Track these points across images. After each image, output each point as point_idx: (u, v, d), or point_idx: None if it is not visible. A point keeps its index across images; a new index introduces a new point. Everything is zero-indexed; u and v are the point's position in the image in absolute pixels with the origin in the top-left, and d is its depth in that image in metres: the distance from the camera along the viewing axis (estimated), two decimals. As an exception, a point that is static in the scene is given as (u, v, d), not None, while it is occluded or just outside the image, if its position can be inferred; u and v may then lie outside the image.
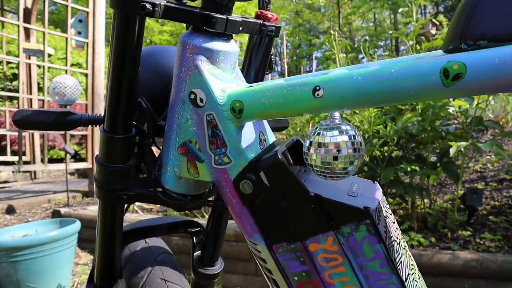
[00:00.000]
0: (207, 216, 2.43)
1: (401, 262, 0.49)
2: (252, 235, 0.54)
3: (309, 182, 0.52)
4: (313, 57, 13.35)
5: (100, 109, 4.51)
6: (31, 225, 2.37)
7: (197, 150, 0.54)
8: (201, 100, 0.52)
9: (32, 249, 2.04)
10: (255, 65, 0.68)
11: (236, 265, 2.25)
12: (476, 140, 2.59)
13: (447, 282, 1.88)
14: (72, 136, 6.82)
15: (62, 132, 5.36)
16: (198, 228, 0.82)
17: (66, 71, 4.43)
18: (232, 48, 0.54)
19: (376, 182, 0.56)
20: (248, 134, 0.54)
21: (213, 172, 0.54)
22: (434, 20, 8.24)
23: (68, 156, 4.15)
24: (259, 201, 0.52)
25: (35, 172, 6.11)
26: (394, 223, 0.53)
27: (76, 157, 7.50)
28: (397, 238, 0.51)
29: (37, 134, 5.45)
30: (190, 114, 0.53)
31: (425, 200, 2.49)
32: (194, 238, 0.83)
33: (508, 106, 4.65)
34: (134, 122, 0.59)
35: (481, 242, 2.07)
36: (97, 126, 0.63)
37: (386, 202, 0.55)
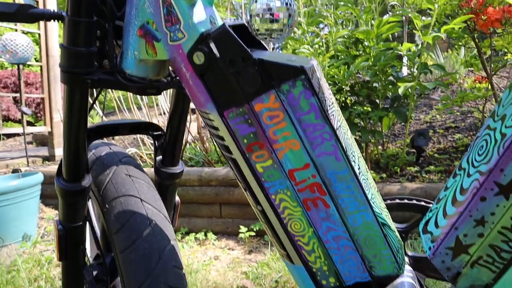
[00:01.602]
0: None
1: (333, 115, 0.57)
2: (205, 105, 0.61)
3: (254, 53, 0.59)
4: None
5: (56, 71, 4.40)
6: (-8, 179, 2.36)
7: (154, 30, 0.60)
8: None
9: (-5, 199, 2.05)
10: None
11: (201, 209, 2.33)
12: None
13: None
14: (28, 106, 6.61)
15: (17, 95, 5.18)
16: (160, 132, 0.89)
17: (16, 30, 4.27)
18: None
19: (314, 58, 0.64)
20: (200, 13, 0.60)
21: (169, 50, 0.61)
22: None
23: (26, 117, 4.06)
24: (210, 70, 0.59)
25: (-10, 140, 5.92)
26: (328, 89, 0.61)
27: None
28: (331, 98, 0.59)
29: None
30: None
31: (379, 147, 2.65)
32: (156, 142, 0.89)
33: (456, 64, 4.89)
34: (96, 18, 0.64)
35: (427, 176, 2.25)
36: (59, 21, 0.67)
37: (324, 79, 0.63)
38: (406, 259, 0.78)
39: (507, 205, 0.53)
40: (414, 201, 0.75)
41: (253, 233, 2.07)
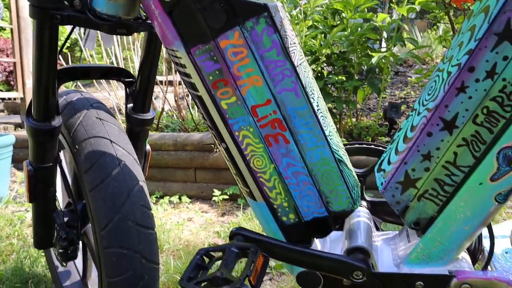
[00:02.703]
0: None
1: (293, 52, 0.60)
2: (173, 43, 0.63)
3: None
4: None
5: (28, 34, 4.27)
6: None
7: (123, -34, 0.62)
8: None
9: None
10: None
11: (176, 173, 2.36)
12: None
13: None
14: None
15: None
16: (131, 79, 0.91)
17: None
18: None
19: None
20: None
21: None
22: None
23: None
24: (178, 7, 0.60)
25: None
26: (292, 30, 0.64)
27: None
28: (293, 38, 0.62)
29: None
30: None
31: (353, 119, 2.71)
32: (127, 88, 0.91)
33: (434, 44, 4.96)
34: None
35: (397, 146, 2.31)
36: None
37: (288, 21, 0.65)
38: (364, 203, 0.82)
39: (451, 140, 0.58)
40: (373, 146, 0.80)
41: (226, 197, 2.11)
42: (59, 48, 0.73)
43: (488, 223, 0.64)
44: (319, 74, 2.45)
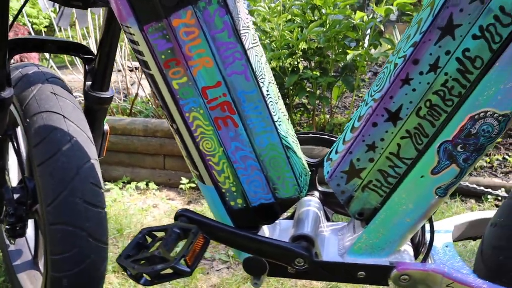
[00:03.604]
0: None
1: (245, 35, 0.60)
2: (127, 19, 0.62)
3: None
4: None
5: None
6: None
7: None
8: None
9: None
10: None
11: (145, 159, 2.33)
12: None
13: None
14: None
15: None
16: (90, 56, 0.89)
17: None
18: None
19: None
20: None
21: None
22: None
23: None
24: None
25: None
26: (246, 14, 0.63)
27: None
28: (247, 22, 0.62)
29: None
30: None
31: (327, 116, 2.73)
32: (86, 65, 0.89)
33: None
34: None
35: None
36: None
37: (245, 5, 0.65)
38: (317, 193, 0.83)
39: (395, 131, 0.58)
40: (326, 136, 0.80)
41: (194, 185, 2.11)
42: (10, 21, 0.71)
43: (430, 216, 0.66)
44: (294, 68, 2.46)
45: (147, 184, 2.19)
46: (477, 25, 0.51)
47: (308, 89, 2.51)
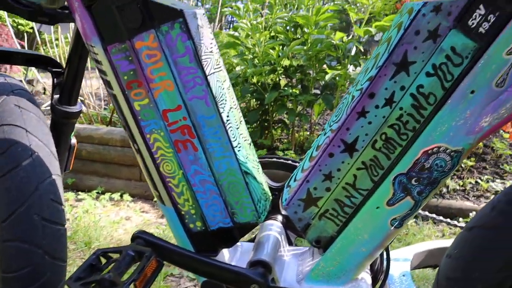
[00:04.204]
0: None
1: (206, 61, 0.60)
2: (91, 38, 0.62)
3: None
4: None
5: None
6: None
7: (43, -47, 0.60)
8: None
9: None
10: None
11: (121, 170, 2.31)
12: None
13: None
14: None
15: None
16: (59, 69, 0.88)
17: None
18: None
19: (202, 8, 0.66)
20: None
21: None
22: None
23: None
24: (97, 3, 0.59)
25: None
26: (211, 39, 0.64)
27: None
28: (210, 47, 0.62)
29: None
30: None
31: (307, 133, 2.75)
32: (54, 78, 0.88)
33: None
34: None
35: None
36: None
37: (211, 31, 0.65)
38: (280, 217, 0.83)
39: (351, 163, 0.59)
40: (290, 161, 0.81)
41: (169, 198, 2.09)
42: None
43: (386, 246, 0.66)
44: (275, 85, 2.47)
45: (121, 196, 2.17)
46: (430, 63, 0.52)
47: (289, 105, 2.53)
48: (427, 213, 1.07)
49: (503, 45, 0.50)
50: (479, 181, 2.25)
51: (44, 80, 3.31)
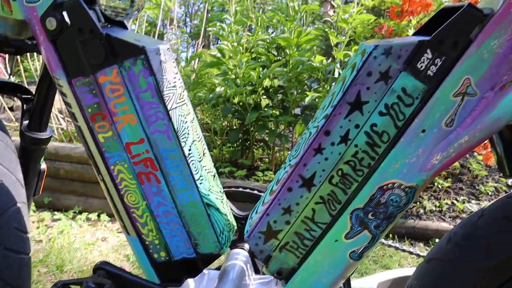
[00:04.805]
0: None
1: (168, 96, 0.61)
2: (56, 71, 0.62)
3: (109, 29, 0.62)
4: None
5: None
6: None
7: (10, -12, 0.61)
8: None
9: None
10: None
11: (99, 189, 2.29)
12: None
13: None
14: None
15: None
16: (29, 96, 0.88)
17: None
18: None
19: (167, 43, 0.67)
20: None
21: (24, 10, 0.62)
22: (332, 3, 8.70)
23: None
24: (61, 37, 0.60)
25: None
26: (175, 73, 0.65)
27: None
28: (173, 82, 0.63)
29: None
30: None
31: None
32: (24, 105, 0.88)
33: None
34: None
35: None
36: None
37: (175, 65, 0.67)
38: (247, 246, 0.84)
39: (309, 197, 0.60)
40: (256, 192, 0.82)
41: (147, 219, 2.08)
42: None
43: (347, 277, 0.67)
44: (256, 106, 2.50)
45: (99, 216, 2.15)
46: (383, 103, 0.54)
47: (270, 125, 2.55)
48: (390, 242, 1.08)
49: (450, 87, 0.53)
50: (455, 202, 2.28)
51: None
